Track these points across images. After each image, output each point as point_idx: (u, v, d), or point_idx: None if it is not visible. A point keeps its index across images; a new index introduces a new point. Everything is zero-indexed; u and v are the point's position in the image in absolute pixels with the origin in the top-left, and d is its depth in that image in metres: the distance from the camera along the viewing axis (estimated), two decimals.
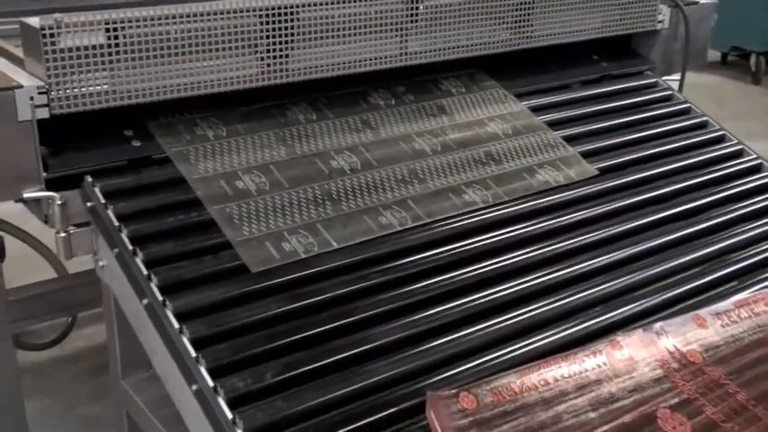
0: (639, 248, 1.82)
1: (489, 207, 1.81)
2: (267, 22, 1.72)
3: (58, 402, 2.63)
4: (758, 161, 2.20)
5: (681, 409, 1.44)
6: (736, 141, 2.26)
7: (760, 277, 1.82)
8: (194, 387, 1.33)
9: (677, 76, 2.50)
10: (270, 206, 1.65)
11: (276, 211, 1.65)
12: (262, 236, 1.59)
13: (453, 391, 1.38)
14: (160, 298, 1.43)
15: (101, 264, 1.60)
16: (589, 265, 1.74)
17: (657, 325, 1.61)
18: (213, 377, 1.33)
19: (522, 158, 1.97)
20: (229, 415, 1.28)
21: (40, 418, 2.48)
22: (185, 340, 1.38)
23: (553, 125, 2.10)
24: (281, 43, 1.75)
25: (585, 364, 1.50)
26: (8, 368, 1.85)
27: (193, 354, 1.36)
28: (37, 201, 1.58)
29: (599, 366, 1.50)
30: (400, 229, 1.69)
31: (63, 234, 1.58)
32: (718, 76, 6.81)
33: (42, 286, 2.28)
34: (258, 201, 1.66)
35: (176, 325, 1.39)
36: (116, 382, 1.82)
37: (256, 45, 1.72)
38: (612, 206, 1.92)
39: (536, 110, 2.14)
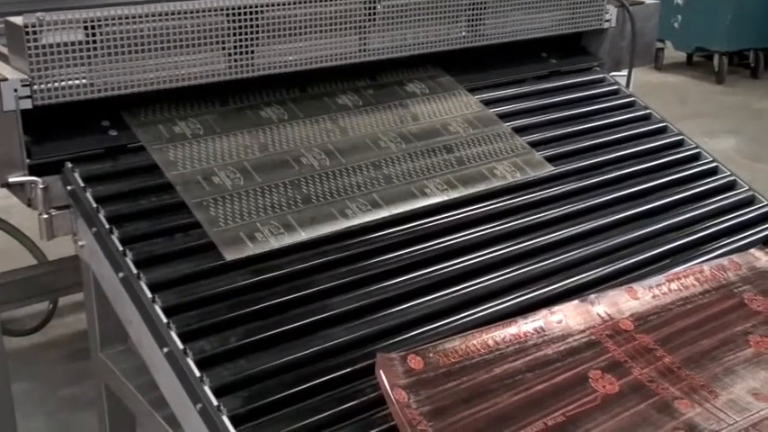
0: (581, 229, 1.96)
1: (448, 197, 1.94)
2: (234, 21, 1.85)
3: (40, 385, 2.75)
4: (698, 150, 2.36)
5: (611, 371, 1.58)
6: (677, 132, 2.41)
7: (691, 255, 1.97)
8: (166, 350, 1.46)
9: (625, 72, 2.65)
10: (244, 200, 1.76)
11: (250, 204, 1.76)
12: (236, 227, 1.70)
13: (401, 353, 1.52)
14: (135, 271, 1.56)
15: (80, 243, 1.72)
16: (533, 243, 1.88)
17: (592, 296, 1.75)
18: (183, 341, 1.45)
19: (482, 156, 2.09)
20: (197, 373, 1.41)
21: (25, 399, 2.60)
22: (158, 308, 1.50)
23: (504, 117, 2.24)
24: (246, 40, 1.88)
25: (524, 329, 1.64)
26: None
27: (165, 320, 1.48)
28: (21, 185, 1.68)
29: (536, 332, 1.64)
30: (366, 221, 1.81)
31: (45, 216, 1.69)
32: (683, 77, 7.00)
33: (24, 272, 2.39)
34: (233, 194, 1.77)
35: (149, 295, 1.52)
36: (95, 355, 1.94)
37: (224, 42, 1.86)
38: (559, 191, 2.06)
39: (488, 103, 2.28)
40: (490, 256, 1.81)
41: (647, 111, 2.47)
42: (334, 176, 1.89)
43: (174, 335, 1.47)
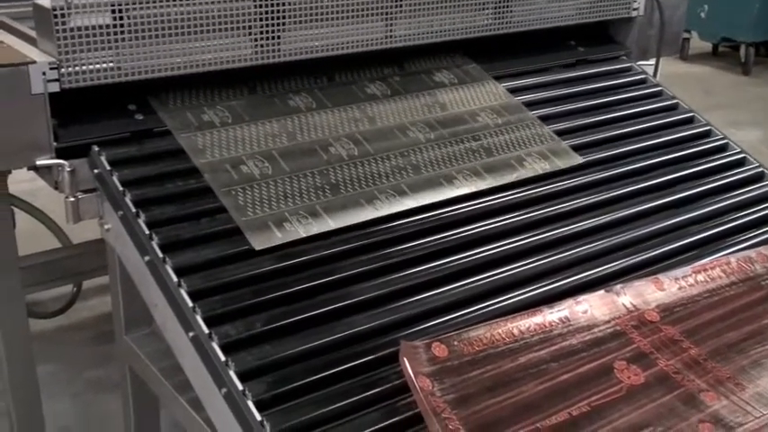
0: (607, 219, 1.95)
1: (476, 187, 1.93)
2: (260, 5, 1.85)
3: (65, 367, 2.78)
4: (725, 141, 2.34)
5: (636, 362, 1.57)
6: (704, 122, 2.39)
7: (718, 246, 1.95)
8: (191, 334, 1.46)
9: (652, 62, 2.63)
10: (272, 190, 1.76)
11: (278, 194, 1.76)
12: (265, 216, 1.69)
13: (426, 341, 1.51)
14: (161, 255, 1.56)
15: (106, 227, 1.73)
16: (559, 233, 1.87)
17: (618, 286, 1.74)
18: (208, 325, 1.46)
19: (511, 147, 2.08)
20: (222, 358, 1.41)
21: (51, 381, 2.62)
22: (183, 293, 1.50)
23: (530, 105, 2.23)
24: (273, 26, 1.88)
25: (549, 319, 1.63)
26: (21, 332, 2.00)
27: (190, 304, 1.48)
28: (48, 168, 1.69)
29: (561, 322, 1.63)
30: (394, 211, 1.80)
31: (72, 199, 1.70)
32: (709, 67, 6.94)
33: (48, 255, 2.41)
34: (261, 184, 1.77)
35: (175, 279, 1.53)
36: (120, 338, 1.96)
37: (250, 27, 1.85)
38: (585, 180, 2.05)
39: (515, 91, 2.27)
40: (515, 245, 1.81)
41: (675, 101, 2.44)
42: (362, 165, 1.89)
43: (199, 319, 1.47)
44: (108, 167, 1.70)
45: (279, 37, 1.89)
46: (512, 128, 2.13)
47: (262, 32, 1.87)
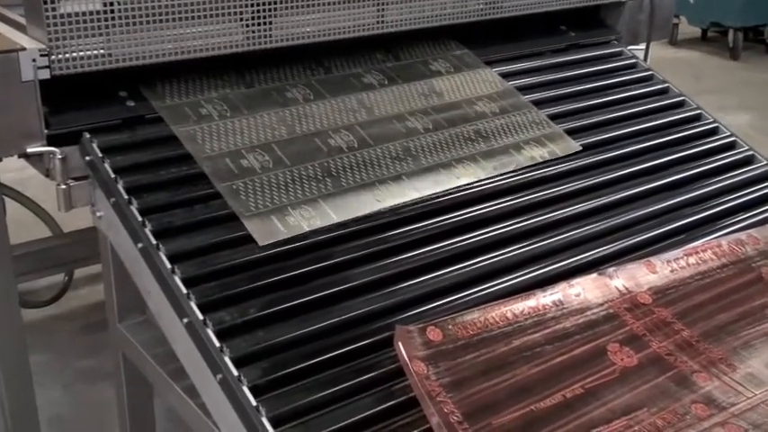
0: (600, 202, 1.95)
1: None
2: None
3: (57, 356, 2.77)
4: (716, 125, 2.34)
5: (629, 344, 1.58)
6: (695, 106, 2.39)
7: (710, 229, 1.96)
8: (185, 320, 1.46)
9: (642, 46, 2.63)
10: (273, 183, 1.74)
11: (279, 187, 1.74)
12: (267, 211, 1.68)
13: (420, 325, 1.52)
14: (154, 242, 1.56)
15: (98, 214, 1.72)
16: (551, 217, 1.87)
17: (611, 269, 1.75)
18: (202, 311, 1.45)
19: (509, 135, 2.08)
20: (217, 344, 1.41)
21: (42, 371, 2.62)
22: (177, 279, 1.50)
23: (522, 90, 2.23)
24: (264, 11, 1.87)
25: (542, 302, 1.63)
26: (14, 321, 1.99)
27: (184, 291, 1.48)
28: (39, 156, 1.68)
29: (555, 305, 1.64)
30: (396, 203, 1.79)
31: (63, 186, 1.69)
32: (698, 52, 6.96)
33: (39, 244, 2.40)
34: (263, 177, 1.75)
35: (169, 266, 1.52)
36: (113, 326, 1.95)
37: (241, 13, 1.85)
38: (577, 164, 2.05)
39: (506, 76, 2.27)
40: (509, 229, 1.81)
41: (666, 84, 2.45)
42: (362, 156, 1.88)
43: (193, 305, 1.47)
44: (100, 154, 1.69)
45: (270, 23, 1.88)
46: (509, 116, 2.13)
47: (253, 18, 1.86)
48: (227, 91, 1.94)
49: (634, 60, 2.53)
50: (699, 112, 2.37)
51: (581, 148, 2.11)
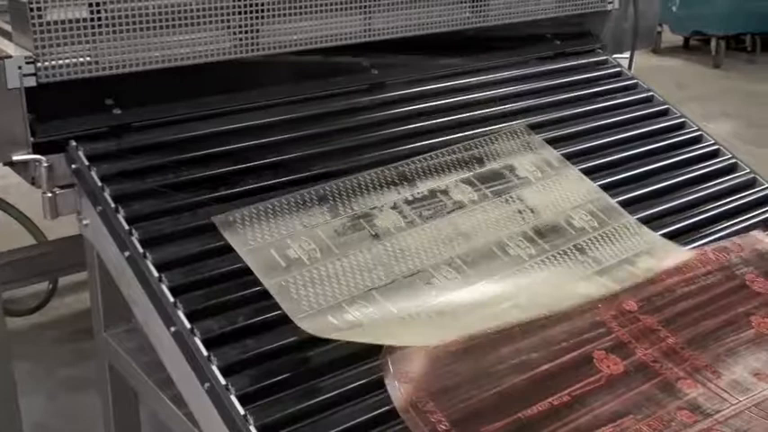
0: None
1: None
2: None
3: (41, 365, 2.75)
4: (699, 133, 2.36)
5: (616, 351, 1.59)
6: (678, 114, 2.41)
7: (694, 237, 1.97)
8: (173, 329, 1.46)
9: (627, 55, 2.65)
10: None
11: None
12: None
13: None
14: (141, 250, 1.55)
15: (84, 222, 1.72)
16: None
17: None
18: (190, 320, 1.45)
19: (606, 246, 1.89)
20: (205, 353, 1.41)
21: (26, 379, 2.60)
22: (164, 288, 1.50)
23: (506, 98, 2.24)
24: (251, 19, 1.87)
25: None
26: None
27: (172, 299, 1.48)
28: (25, 163, 1.68)
29: (542, 314, 1.65)
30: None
31: (49, 194, 1.68)
32: (681, 60, 7.01)
33: (24, 252, 2.39)
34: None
35: (156, 274, 1.52)
36: (99, 335, 1.94)
37: (228, 21, 1.85)
38: None
39: (491, 84, 2.28)
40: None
41: (650, 93, 2.47)
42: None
43: (181, 314, 1.46)
44: (86, 162, 1.68)
45: (257, 30, 1.88)
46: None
47: (240, 26, 1.86)
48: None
49: (618, 69, 2.54)
50: (683, 120, 2.39)
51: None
